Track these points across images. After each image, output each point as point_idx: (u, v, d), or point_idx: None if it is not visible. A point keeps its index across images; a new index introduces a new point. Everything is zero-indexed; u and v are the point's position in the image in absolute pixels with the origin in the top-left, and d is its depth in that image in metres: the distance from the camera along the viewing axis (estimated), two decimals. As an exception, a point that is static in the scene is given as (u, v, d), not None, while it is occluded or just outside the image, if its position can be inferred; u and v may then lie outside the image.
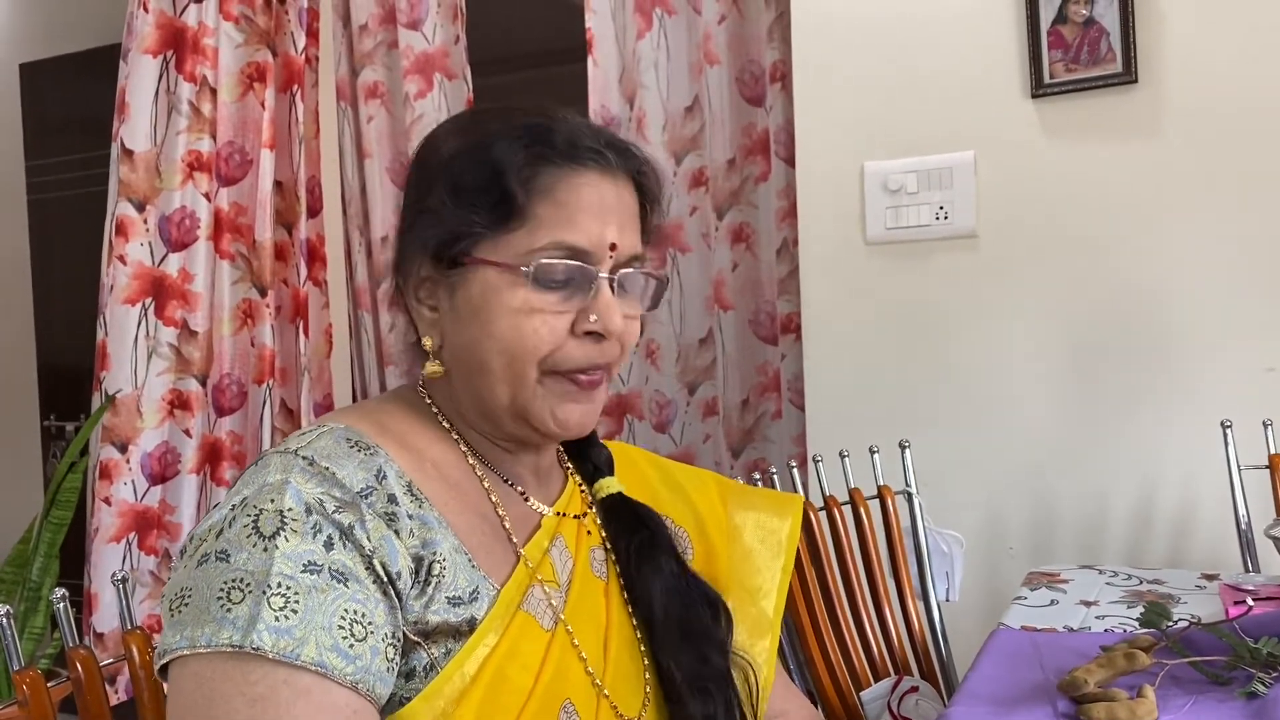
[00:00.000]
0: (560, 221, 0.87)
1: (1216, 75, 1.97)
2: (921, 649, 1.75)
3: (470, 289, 0.88)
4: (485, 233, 0.88)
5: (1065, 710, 1.08)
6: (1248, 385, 1.96)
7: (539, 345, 0.87)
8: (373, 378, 2.89)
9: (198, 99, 2.70)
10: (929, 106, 2.16)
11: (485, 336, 0.88)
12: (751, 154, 2.52)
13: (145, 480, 2.69)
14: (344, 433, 0.86)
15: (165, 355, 2.70)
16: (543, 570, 0.90)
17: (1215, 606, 1.42)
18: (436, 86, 2.74)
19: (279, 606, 0.73)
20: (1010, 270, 2.12)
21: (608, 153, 0.91)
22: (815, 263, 2.28)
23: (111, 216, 2.68)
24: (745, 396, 2.56)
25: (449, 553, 0.83)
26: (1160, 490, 2.03)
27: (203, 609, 0.74)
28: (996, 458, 2.13)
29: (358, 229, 2.89)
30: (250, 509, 0.78)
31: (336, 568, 0.76)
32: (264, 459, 0.83)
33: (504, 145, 0.89)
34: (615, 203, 0.90)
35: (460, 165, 0.90)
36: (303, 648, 0.73)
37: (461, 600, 0.83)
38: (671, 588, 0.96)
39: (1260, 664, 1.11)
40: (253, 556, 0.75)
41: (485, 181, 0.88)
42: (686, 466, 1.16)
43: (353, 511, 0.79)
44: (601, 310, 0.88)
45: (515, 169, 0.87)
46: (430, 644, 0.81)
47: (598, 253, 0.88)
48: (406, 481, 0.85)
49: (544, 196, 0.87)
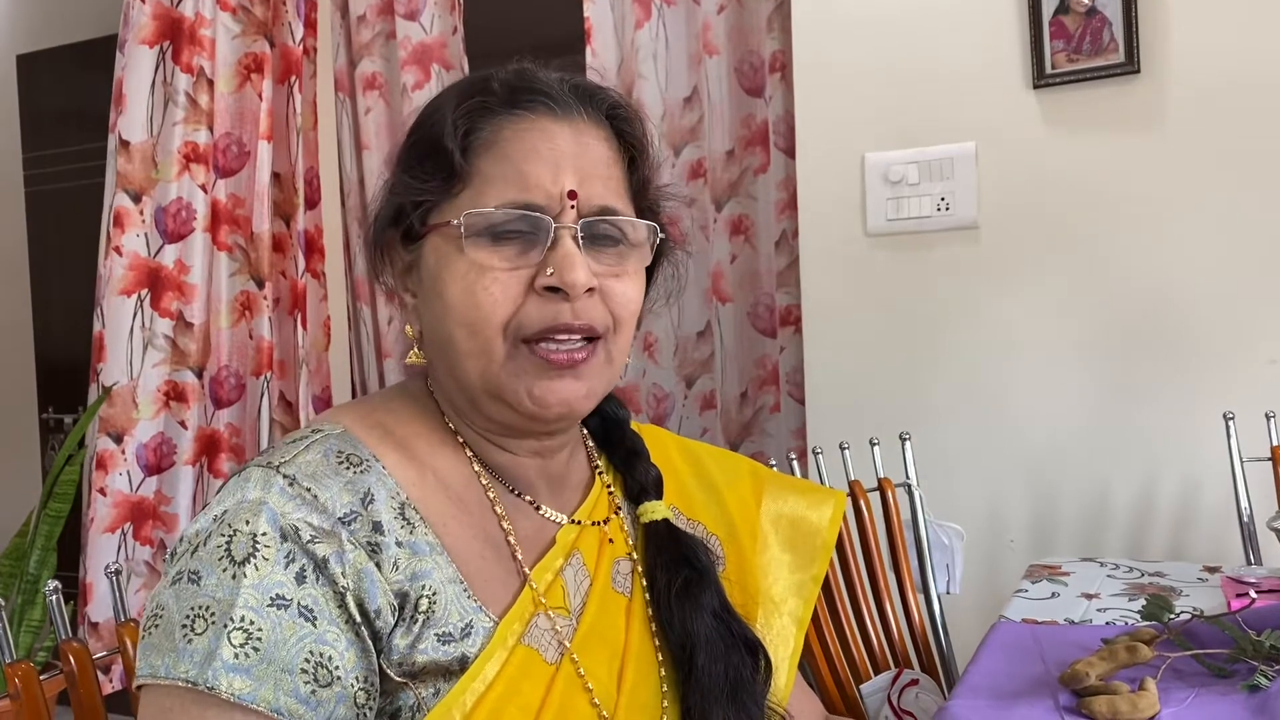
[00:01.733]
0: (507, 176, 0.80)
1: (1219, 65, 1.96)
2: (922, 642, 1.74)
3: (428, 262, 0.83)
4: (434, 200, 0.82)
5: (1066, 703, 1.07)
6: (1250, 377, 1.95)
7: (492, 306, 0.79)
8: (371, 370, 2.88)
9: (195, 90, 2.69)
10: (930, 97, 2.15)
11: (445, 309, 0.81)
12: (750, 145, 2.51)
13: (141, 471, 2.68)
14: (337, 443, 0.80)
15: (161, 347, 2.69)
16: (551, 596, 0.83)
17: (1217, 599, 1.42)
18: (434, 77, 2.73)
19: (239, 643, 0.69)
20: (1011, 262, 2.11)
21: (568, 96, 0.83)
22: (815, 254, 2.27)
23: (109, 208, 2.68)
24: (744, 390, 2.55)
25: (441, 584, 0.77)
26: (1162, 482, 2.02)
27: (168, 634, 0.71)
28: (997, 450, 2.13)
29: (356, 221, 2.88)
30: (225, 527, 0.73)
31: (306, 604, 0.72)
32: (246, 470, 0.78)
33: (441, 103, 0.84)
34: (572, 148, 0.82)
35: (411, 137, 0.86)
36: (260, 689, 0.69)
37: (452, 637, 0.77)
38: (713, 632, 0.88)
39: (1263, 657, 1.10)
40: (221, 583, 0.71)
41: (426, 145, 0.83)
42: (720, 452, 1.08)
43: (331, 542, 0.74)
44: (559, 262, 0.79)
45: (451, 125, 0.82)
46: (418, 684, 0.75)
47: (552, 204, 0.80)
48: (400, 502, 0.79)
49: (485, 150, 0.81)
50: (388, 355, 2.84)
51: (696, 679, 0.86)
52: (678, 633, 0.87)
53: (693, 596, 0.88)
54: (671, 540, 0.92)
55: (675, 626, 0.88)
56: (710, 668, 0.86)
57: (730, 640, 0.89)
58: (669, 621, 0.88)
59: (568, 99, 0.83)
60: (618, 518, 0.93)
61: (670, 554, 0.90)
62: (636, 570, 0.91)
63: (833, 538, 1.07)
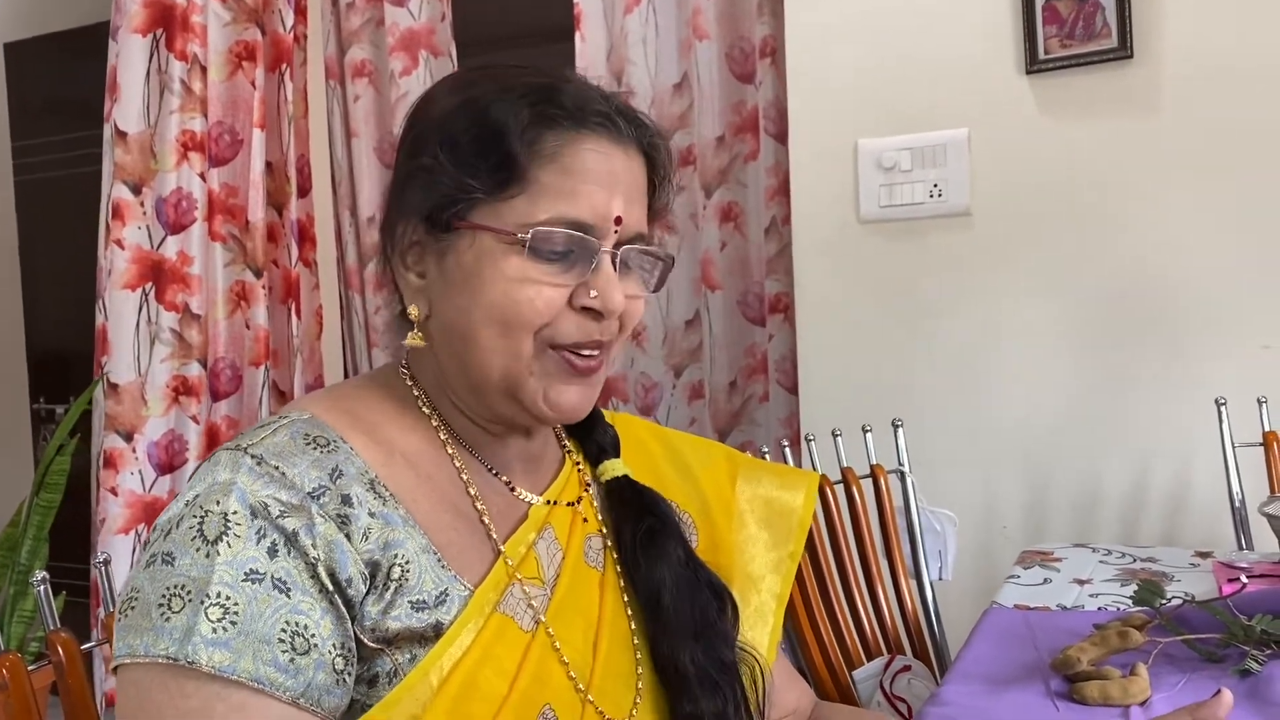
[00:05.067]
0: (564, 191, 0.81)
1: (1212, 50, 1.95)
2: (914, 628, 1.75)
3: (462, 255, 0.82)
4: (483, 197, 0.81)
5: (1058, 689, 1.07)
6: (1243, 362, 1.95)
7: (534, 316, 0.81)
8: (363, 358, 2.88)
9: (189, 77, 2.67)
10: (923, 83, 2.15)
11: (475, 305, 0.82)
12: (741, 131, 2.50)
13: (153, 470, 2.65)
14: (304, 426, 0.81)
15: (167, 341, 2.67)
16: (525, 568, 0.85)
17: (1209, 584, 1.42)
18: (422, 64, 2.72)
19: (216, 618, 0.71)
20: (1004, 248, 2.10)
21: (619, 119, 0.84)
22: (808, 241, 2.26)
23: (107, 199, 2.65)
24: (733, 379, 2.54)
25: (415, 553, 0.79)
26: (1154, 468, 2.03)
27: (144, 614, 0.72)
28: (990, 436, 2.13)
29: (347, 209, 2.87)
30: (196, 509, 0.75)
31: (279, 576, 0.73)
32: (215, 454, 0.79)
33: (506, 104, 0.82)
34: (624, 173, 0.84)
35: (458, 123, 0.84)
36: (240, 661, 0.71)
37: (426, 604, 0.78)
38: (679, 576, 0.90)
39: (1254, 641, 1.11)
40: (195, 562, 0.72)
41: (485, 142, 0.82)
42: (694, 439, 1.10)
43: (300, 515, 0.75)
44: (602, 286, 0.82)
45: (518, 130, 0.81)
46: (394, 650, 0.77)
47: (602, 226, 0.82)
48: (370, 478, 0.80)
49: (548, 161, 0.81)
50: (376, 344, 2.84)
51: (664, 622, 0.89)
52: (644, 580, 0.90)
53: (657, 544, 0.91)
54: (633, 494, 0.94)
55: (642, 574, 0.90)
56: (676, 607, 0.89)
57: (695, 584, 0.92)
58: (635, 570, 0.90)
59: (623, 122, 0.85)
60: (588, 495, 0.95)
61: (633, 506, 0.93)
62: (608, 546, 0.93)
63: (808, 516, 1.08)
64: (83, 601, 2.76)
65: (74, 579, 2.82)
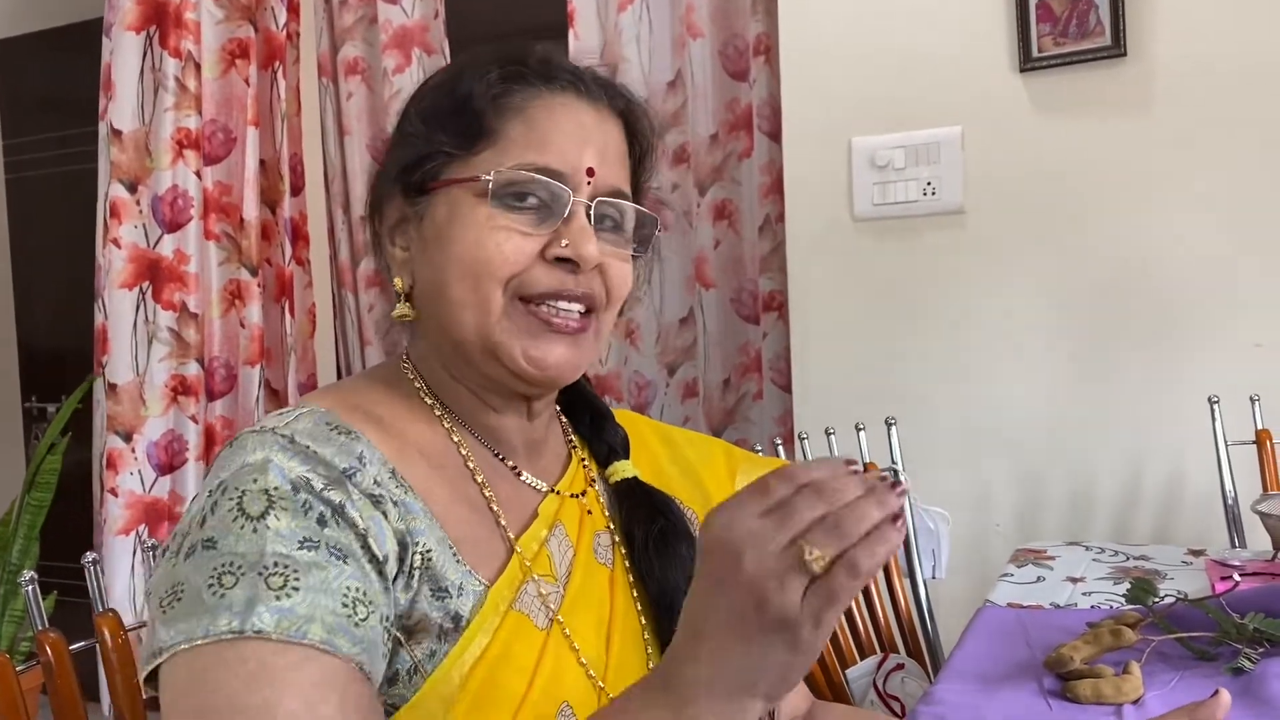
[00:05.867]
0: (532, 142, 0.83)
1: (1206, 48, 1.95)
2: (908, 626, 1.74)
3: (436, 214, 0.84)
4: (453, 154, 0.84)
5: (1051, 687, 1.07)
6: (1236, 361, 1.95)
7: (502, 263, 0.81)
8: (356, 357, 2.87)
9: (183, 74, 2.66)
10: (917, 81, 2.14)
11: (448, 260, 0.83)
12: (734, 129, 2.49)
13: (153, 470, 2.65)
14: (324, 416, 0.80)
15: (165, 340, 2.66)
16: (538, 565, 0.84)
17: (1201, 582, 1.42)
18: (415, 61, 2.71)
19: (278, 586, 0.68)
20: (998, 246, 2.10)
21: (588, 80, 0.87)
22: (802, 239, 2.26)
23: (104, 198, 2.64)
24: (726, 377, 2.54)
25: (434, 544, 0.78)
26: (1148, 467, 2.03)
27: (195, 600, 0.69)
28: (983, 434, 2.12)
29: (340, 207, 2.86)
30: (232, 491, 0.72)
31: (334, 544, 0.72)
32: (239, 439, 0.78)
33: (476, 69, 0.86)
34: (595, 130, 0.85)
35: (432, 95, 0.88)
36: (309, 626, 0.68)
37: (448, 594, 0.78)
38: (690, 578, 0.91)
39: (1246, 639, 1.10)
40: (241, 539, 0.70)
41: (455, 105, 0.85)
42: (694, 435, 1.11)
43: (340, 490, 0.74)
44: (574, 235, 0.82)
45: (485, 89, 0.84)
46: (412, 643, 0.76)
47: (573, 177, 0.83)
48: (390, 467, 0.80)
49: (515, 115, 0.83)
50: (369, 343, 2.83)
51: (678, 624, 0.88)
52: (657, 583, 0.90)
53: (670, 546, 0.91)
54: (643, 495, 0.94)
55: (655, 577, 0.90)
56: None
57: None
58: (648, 573, 0.90)
59: (595, 84, 0.87)
60: (594, 489, 0.95)
61: (645, 509, 0.93)
62: (616, 542, 0.93)
63: None
64: (75, 601, 2.75)
65: (67, 579, 2.81)
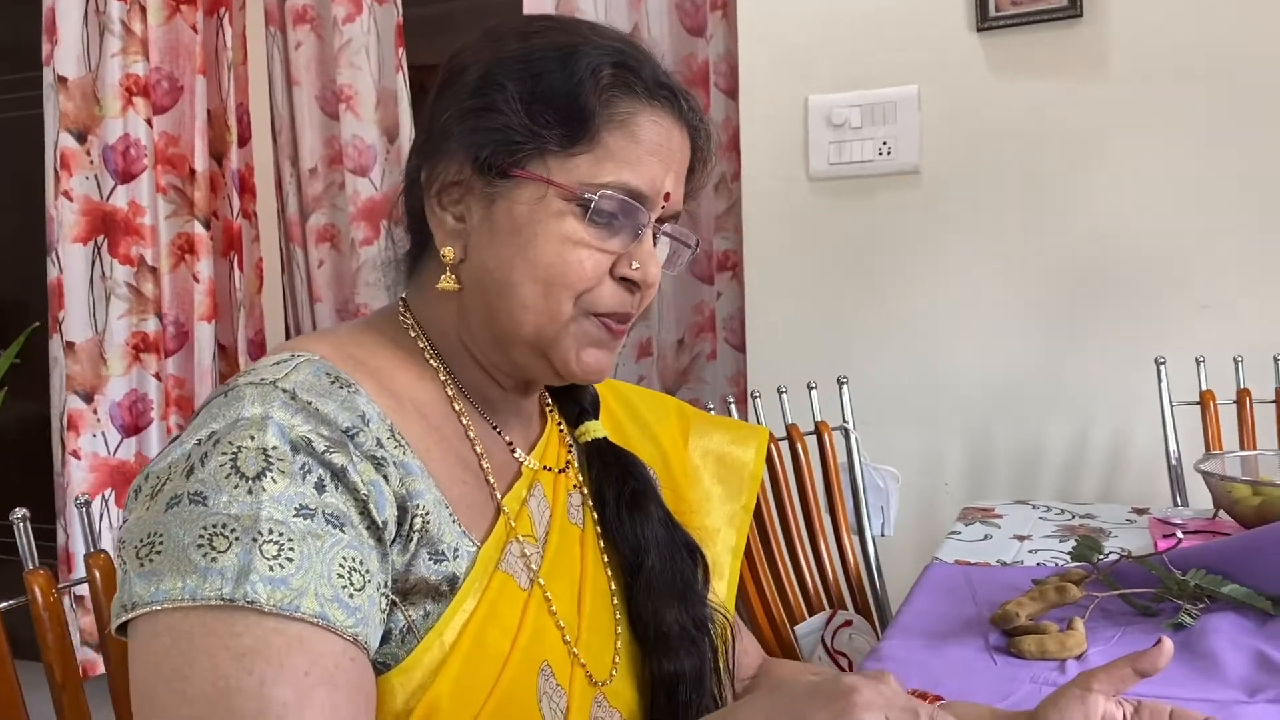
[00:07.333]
0: (629, 158, 0.81)
1: (1161, 10, 1.96)
2: (856, 583, 1.76)
3: (515, 205, 0.81)
4: (550, 148, 0.80)
5: (997, 643, 1.08)
6: (1183, 322, 1.97)
7: (580, 280, 0.81)
8: (305, 313, 2.82)
9: (129, 18, 2.57)
10: (873, 38, 2.13)
11: (521, 259, 0.81)
12: (691, 85, 2.46)
13: (118, 432, 2.58)
14: (322, 365, 0.77)
15: (124, 296, 2.58)
16: (520, 524, 0.84)
17: (1145, 540, 1.44)
18: (366, 10, 2.65)
19: (272, 555, 0.66)
20: (952, 207, 2.11)
21: (680, 98, 0.85)
22: (757, 198, 2.25)
23: (54, 147, 2.55)
24: (681, 336, 2.53)
25: (432, 505, 0.77)
26: (1095, 427, 2.05)
27: (179, 557, 0.66)
28: (934, 394, 2.14)
29: (288, 159, 2.80)
30: (226, 445, 0.69)
31: (331, 512, 0.70)
32: (234, 389, 0.74)
33: (591, 58, 0.81)
34: (678, 151, 0.85)
35: (539, 65, 0.81)
36: (301, 599, 0.67)
37: (444, 557, 0.77)
38: (661, 536, 0.91)
39: (1187, 596, 1.12)
40: (235, 499, 0.67)
41: (564, 91, 0.80)
42: (646, 392, 1.11)
43: (343, 452, 0.72)
44: (644, 258, 0.83)
45: (598, 87, 0.80)
46: (407, 605, 0.75)
47: (654, 199, 0.83)
48: (389, 424, 0.78)
49: (617, 127, 0.81)
50: (319, 299, 2.78)
51: (649, 584, 0.90)
52: (629, 541, 0.91)
53: (641, 506, 0.92)
54: (614, 455, 0.95)
55: (627, 536, 0.91)
56: (661, 570, 0.90)
57: (674, 545, 0.93)
58: (620, 532, 0.91)
59: (687, 104, 0.86)
60: (571, 456, 0.96)
61: (616, 468, 0.94)
62: (586, 503, 0.93)
63: (759, 469, 1.10)
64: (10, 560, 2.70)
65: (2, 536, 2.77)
